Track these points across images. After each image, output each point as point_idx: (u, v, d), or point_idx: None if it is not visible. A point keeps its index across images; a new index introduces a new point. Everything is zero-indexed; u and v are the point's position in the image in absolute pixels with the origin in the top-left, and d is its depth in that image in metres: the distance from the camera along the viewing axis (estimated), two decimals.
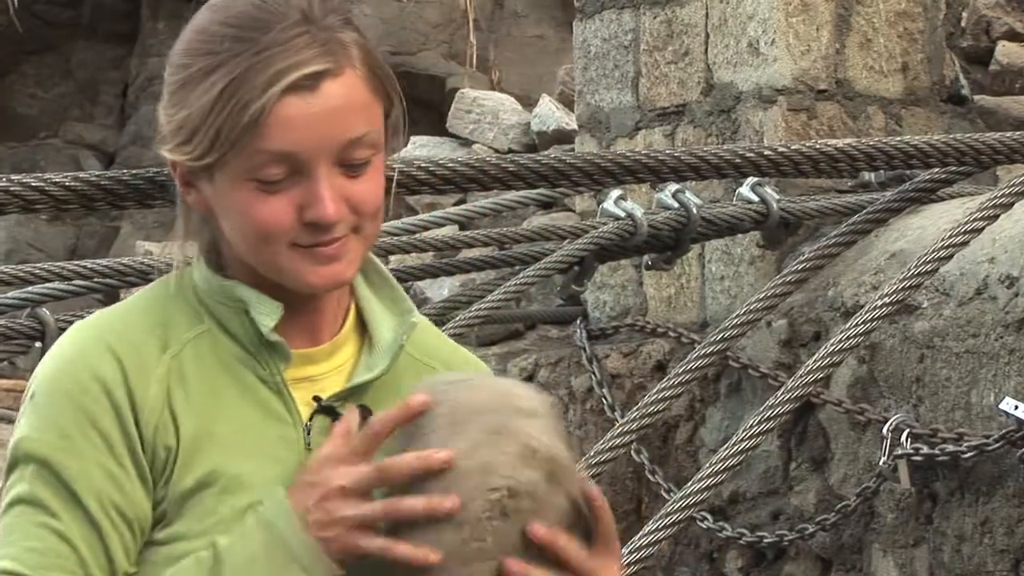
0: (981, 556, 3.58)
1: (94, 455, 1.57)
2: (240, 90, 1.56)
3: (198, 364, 1.62)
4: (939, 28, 4.57)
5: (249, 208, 1.59)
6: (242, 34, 1.59)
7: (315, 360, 1.66)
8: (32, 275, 3.82)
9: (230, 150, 1.57)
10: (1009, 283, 3.57)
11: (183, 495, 1.58)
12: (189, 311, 1.65)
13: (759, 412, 3.28)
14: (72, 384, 1.58)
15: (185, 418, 1.60)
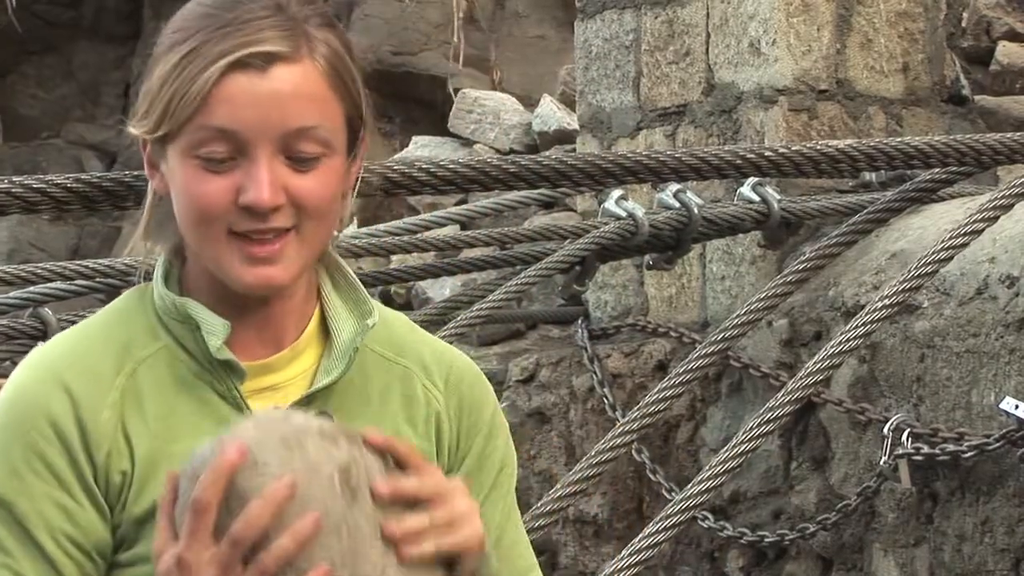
0: (982, 555, 3.58)
1: (45, 491, 1.57)
2: (193, 62, 1.56)
3: (154, 383, 1.61)
4: (940, 28, 4.57)
5: (190, 185, 1.58)
6: (211, 11, 1.59)
7: (275, 368, 1.65)
8: (34, 275, 3.82)
9: (179, 123, 1.57)
10: (1010, 283, 3.57)
11: (141, 517, 1.58)
12: (148, 327, 1.64)
13: (760, 412, 3.28)
14: (21, 421, 1.58)
15: (140, 440, 1.59)
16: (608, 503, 4.52)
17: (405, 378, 1.71)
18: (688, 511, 3.08)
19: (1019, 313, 3.53)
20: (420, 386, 1.71)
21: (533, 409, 4.72)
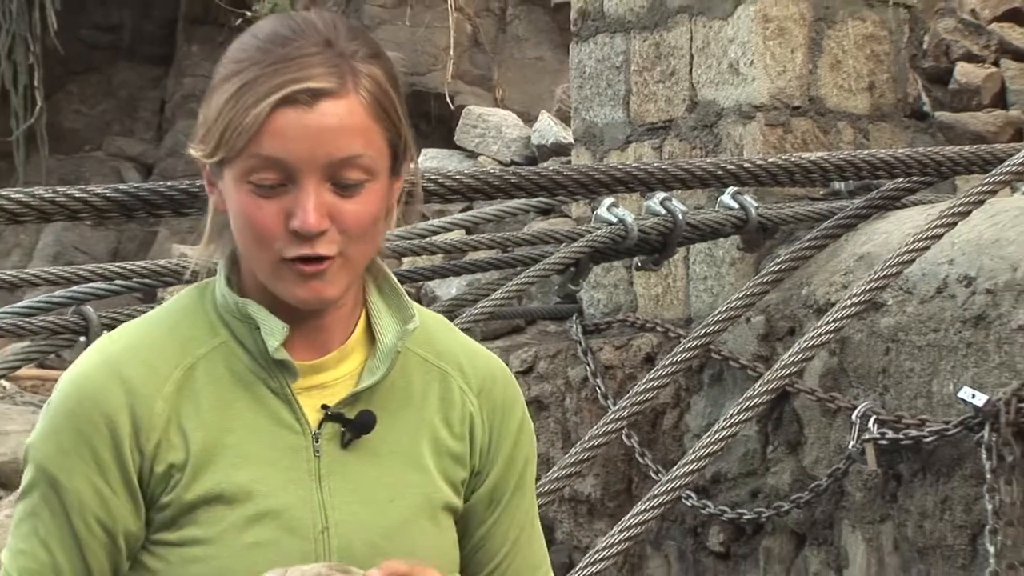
0: (941, 531, 3.58)
1: (86, 475, 1.57)
2: (246, 96, 1.55)
3: (211, 378, 1.60)
4: (903, 50, 4.57)
5: (245, 208, 1.57)
6: (265, 46, 1.58)
7: (324, 368, 1.62)
8: (77, 276, 3.82)
9: (234, 151, 1.56)
10: (967, 283, 3.57)
11: (193, 503, 1.57)
12: (207, 324, 1.63)
13: (739, 401, 3.28)
14: (77, 407, 1.58)
15: (194, 432, 1.58)
16: (600, 484, 4.51)
17: (443, 380, 1.68)
18: (674, 491, 3.08)
19: (976, 310, 3.52)
20: (457, 388, 1.69)
21: (532, 398, 4.72)
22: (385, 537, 1.62)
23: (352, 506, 1.62)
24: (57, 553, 1.57)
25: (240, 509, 1.56)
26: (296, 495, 1.58)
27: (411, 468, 1.65)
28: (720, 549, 4.23)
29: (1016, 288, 3.44)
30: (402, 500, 1.63)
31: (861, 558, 3.80)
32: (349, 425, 1.61)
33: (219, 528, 1.55)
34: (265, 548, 1.56)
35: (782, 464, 4.05)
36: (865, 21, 4.49)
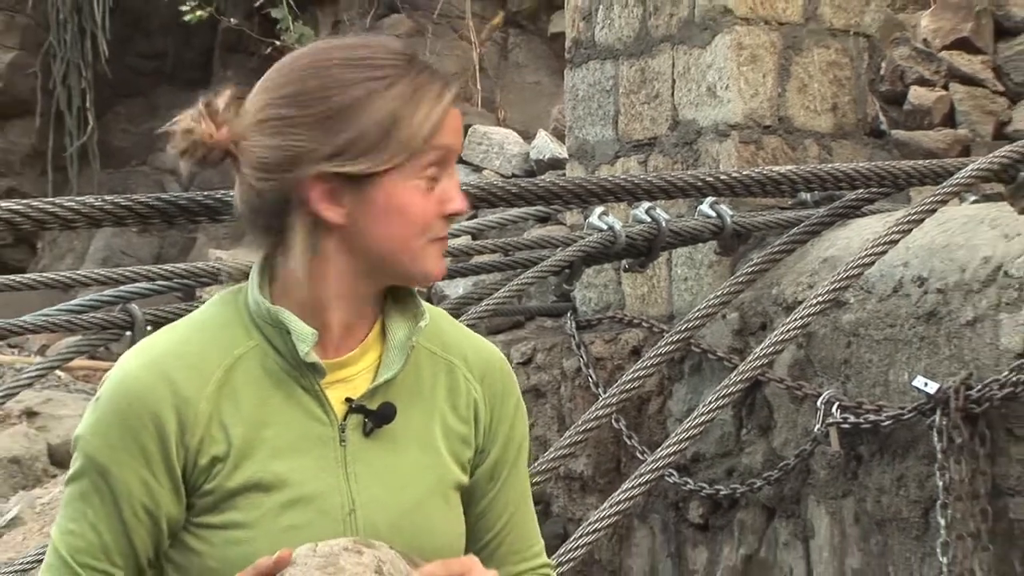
0: (897, 505, 3.58)
1: (134, 467, 1.56)
2: (421, 105, 1.56)
3: (248, 377, 1.58)
4: (863, 75, 4.57)
5: (414, 204, 1.57)
6: (396, 60, 1.59)
7: (347, 364, 1.61)
8: (124, 276, 3.82)
9: (411, 150, 1.56)
10: (920, 283, 3.56)
11: (234, 491, 1.56)
12: (242, 327, 1.61)
13: (716, 389, 3.27)
14: (127, 407, 1.56)
15: (234, 427, 1.57)
16: (592, 463, 4.51)
17: (449, 371, 1.68)
18: (658, 470, 3.08)
19: (928, 307, 3.52)
20: (462, 378, 1.68)
21: (531, 386, 4.72)
22: (405, 516, 1.62)
23: (374, 490, 1.61)
24: (105, 535, 1.56)
25: (276, 495, 1.56)
26: (326, 482, 1.58)
27: (425, 452, 1.64)
28: (699, 521, 4.23)
29: (964, 288, 3.43)
30: (418, 482, 1.63)
31: (825, 529, 3.80)
32: (372, 416, 1.61)
33: (258, 513, 1.55)
34: (299, 530, 1.55)
35: (754, 446, 4.05)
36: (829, 49, 4.49)
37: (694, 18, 4.45)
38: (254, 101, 1.58)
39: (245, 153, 1.57)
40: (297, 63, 1.60)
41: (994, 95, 4.60)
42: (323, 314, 1.59)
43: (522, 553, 1.74)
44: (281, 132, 1.56)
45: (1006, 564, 3.29)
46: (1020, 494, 3.27)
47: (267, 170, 1.55)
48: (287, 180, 1.55)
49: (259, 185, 1.56)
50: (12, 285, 3.89)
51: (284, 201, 1.56)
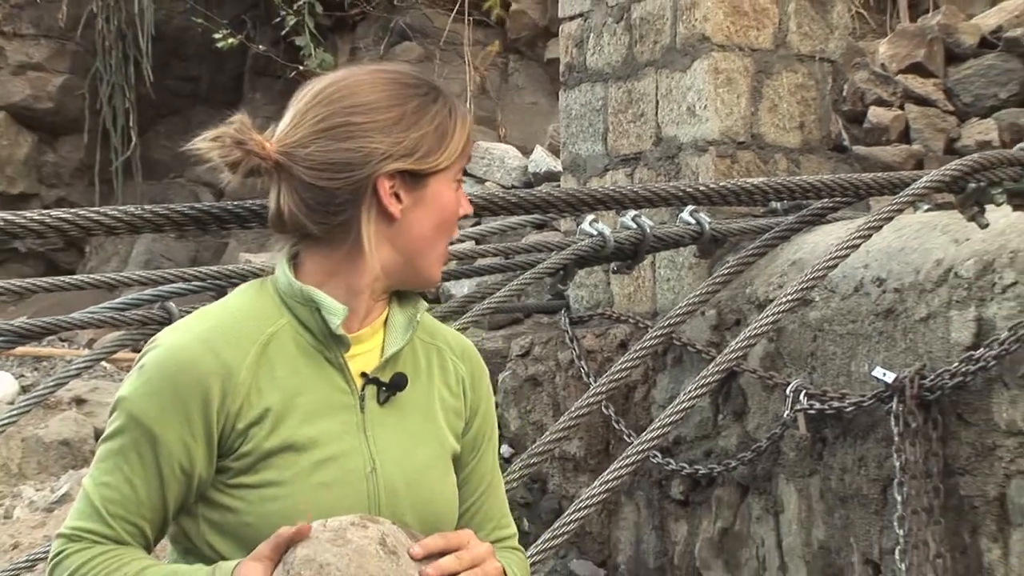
0: (858, 483, 3.57)
1: (177, 429, 1.57)
2: (456, 115, 1.65)
3: (282, 350, 1.61)
4: (827, 96, 4.57)
5: (452, 203, 1.66)
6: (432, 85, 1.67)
7: (362, 340, 1.65)
8: (162, 278, 3.82)
9: (453, 156, 1.64)
10: (879, 283, 3.56)
11: (270, 451, 1.58)
12: (274, 307, 1.64)
13: (696, 379, 3.26)
14: (178, 374, 1.57)
15: (271, 394, 1.59)
16: (584, 445, 4.51)
17: (439, 354, 1.74)
18: (643, 451, 3.07)
19: (886, 305, 3.51)
20: (450, 359, 1.75)
21: (529, 376, 4.72)
22: (417, 474, 1.64)
23: (391, 452, 1.63)
24: (140, 490, 1.56)
25: (308, 456, 1.57)
26: (349, 443, 1.61)
27: (428, 421, 1.69)
28: (680, 498, 4.23)
29: (918, 288, 3.43)
30: (425, 447, 1.67)
31: (794, 505, 3.80)
32: (387, 386, 1.63)
33: (291, 472, 1.57)
34: (329, 487, 1.57)
35: (730, 429, 4.04)
36: (796, 73, 4.49)
37: (675, 45, 4.45)
38: (309, 115, 1.62)
39: (305, 159, 1.59)
40: (349, 82, 1.66)
41: (945, 114, 4.60)
42: (355, 298, 1.63)
43: (497, 520, 1.77)
44: (353, 136, 1.59)
45: (957, 536, 3.29)
46: (969, 473, 3.26)
47: (339, 170, 1.59)
48: (358, 177, 1.59)
49: (328, 184, 1.60)
50: (62, 285, 3.90)
51: (352, 197, 1.60)
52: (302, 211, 1.61)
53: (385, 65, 1.70)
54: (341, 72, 1.67)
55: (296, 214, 1.61)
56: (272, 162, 1.61)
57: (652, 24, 4.54)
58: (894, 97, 4.61)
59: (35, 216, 2.33)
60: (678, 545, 4.22)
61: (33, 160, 11.70)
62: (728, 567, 4.04)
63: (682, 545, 4.21)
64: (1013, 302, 3.18)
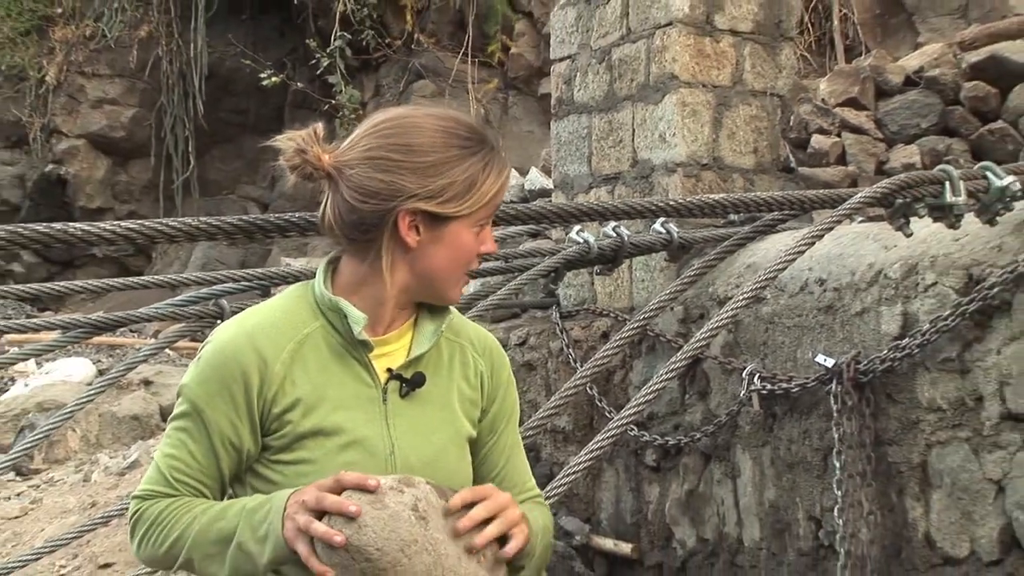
0: (803, 452, 3.56)
1: (224, 410, 1.57)
2: (493, 169, 1.60)
3: (315, 349, 1.61)
4: (776, 126, 4.56)
5: (470, 244, 1.61)
6: (478, 136, 1.61)
7: (388, 342, 1.65)
8: (216, 279, 3.81)
9: (477, 206, 1.59)
10: (821, 283, 3.55)
11: (303, 434, 1.58)
12: (310, 311, 1.63)
13: (666, 364, 3.26)
14: (223, 365, 1.58)
15: (303, 385, 1.58)
16: (572, 420, 4.50)
17: (462, 351, 1.72)
18: (622, 426, 3.06)
19: (826, 302, 3.51)
20: (471, 355, 1.73)
21: (525, 362, 4.71)
22: (432, 455, 1.63)
23: (408, 437, 1.62)
24: (199, 459, 1.57)
25: (335, 439, 1.57)
26: (372, 430, 1.60)
27: (445, 411, 1.67)
28: (653, 464, 4.22)
29: (854, 287, 3.42)
30: (441, 433, 1.65)
31: (749, 470, 3.79)
32: (407, 382, 1.62)
33: (321, 452, 1.57)
34: (353, 466, 1.55)
35: (695, 407, 4.03)
36: (751, 106, 4.48)
37: (649, 82, 4.44)
38: (361, 142, 1.62)
39: (351, 179, 1.58)
40: (401, 121, 1.63)
41: (875, 141, 4.59)
42: (380, 307, 1.62)
43: (519, 487, 1.76)
44: (389, 171, 1.57)
45: (885, 496, 3.28)
46: (896, 443, 3.26)
47: (370, 196, 1.58)
48: (386, 207, 1.57)
49: (360, 205, 1.59)
50: (132, 285, 3.90)
51: (376, 222, 1.58)
52: (338, 221, 1.61)
53: (447, 112, 1.65)
54: (405, 109, 1.65)
55: (334, 222, 1.61)
56: (324, 173, 1.60)
57: (629, 65, 4.53)
58: (833, 127, 4.60)
59: (109, 226, 2.32)
60: (651, 504, 4.22)
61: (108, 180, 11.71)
62: (693, 523, 4.03)
63: (655, 504, 4.20)
64: (933, 299, 3.17)
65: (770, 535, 3.68)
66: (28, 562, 3.80)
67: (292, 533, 1.46)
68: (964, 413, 3.07)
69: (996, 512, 2.98)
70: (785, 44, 4.56)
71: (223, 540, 1.51)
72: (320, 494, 1.47)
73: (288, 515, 1.47)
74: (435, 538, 1.46)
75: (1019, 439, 2.93)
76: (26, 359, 4.38)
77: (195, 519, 1.54)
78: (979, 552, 3.03)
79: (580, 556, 4.34)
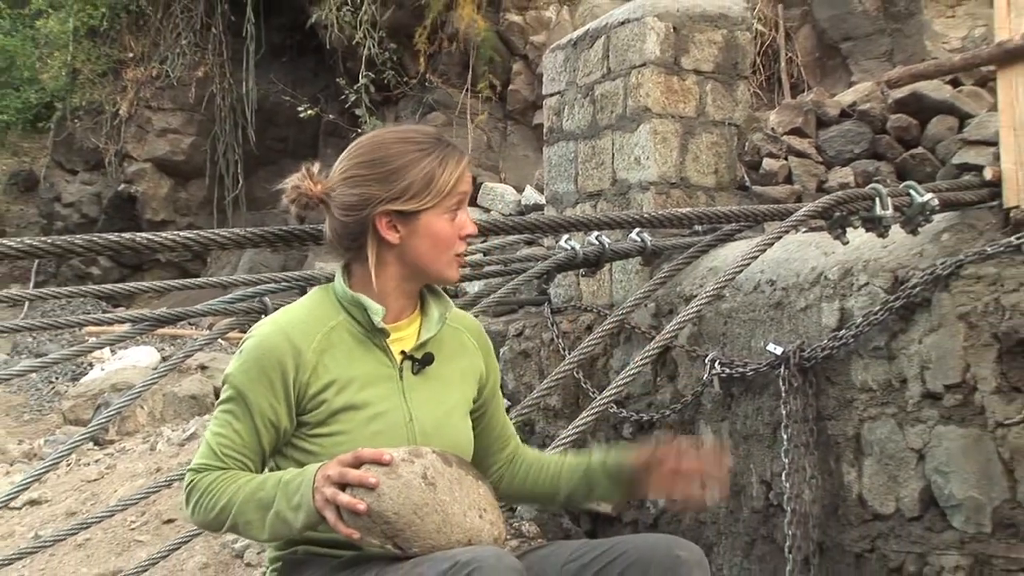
0: (757, 426, 3.55)
1: (264, 393, 1.57)
2: (448, 164, 1.57)
3: (340, 338, 1.61)
4: (734, 150, 4.54)
5: (444, 230, 1.58)
6: (432, 140, 1.59)
7: (400, 329, 1.65)
8: (260, 280, 3.80)
9: (441, 195, 1.56)
10: (771, 284, 3.54)
11: (336, 410, 1.58)
12: (333, 307, 1.63)
13: (641, 352, 3.24)
14: (262, 354, 1.58)
15: (333, 369, 1.58)
16: (561, 400, 4.48)
17: (460, 336, 1.74)
18: (603, 404, 3.05)
19: (776, 299, 3.49)
20: (468, 340, 1.74)
21: (521, 350, 4.70)
22: (442, 421, 1.63)
23: (422, 407, 1.63)
24: (244, 436, 1.56)
25: (363, 412, 1.58)
26: (393, 403, 1.60)
27: (450, 384, 1.68)
28: (629, 437, 4.21)
29: (799, 287, 3.41)
30: (448, 402, 1.66)
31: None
32: (419, 362, 1.63)
33: (352, 424, 1.57)
34: (380, 434, 1.56)
35: (665, 388, 4.02)
36: (712, 134, 4.46)
37: (626, 114, 4.42)
38: (339, 167, 1.64)
39: (335, 200, 1.60)
40: (366, 142, 1.65)
41: (816, 164, 4.58)
42: (386, 299, 1.62)
43: (514, 440, 1.81)
44: (359, 185, 1.58)
45: (825, 463, 3.27)
46: (834, 419, 3.24)
47: (350, 209, 1.59)
48: (363, 215, 1.58)
49: (344, 219, 1.60)
50: (189, 286, 3.89)
51: (361, 229, 1.59)
52: (335, 237, 1.62)
53: (406, 126, 1.69)
54: (373, 132, 1.68)
55: (331, 239, 1.63)
56: (317, 200, 1.60)
57: (609, 99, 4.52)
58: (781, 152, 4.58)
59: (170, 236, 2.31)
60: None
61: (170, 197, 11.69)
62: None
63: None
64: (865, 297, 3.16)
65: (728, 496, 3.67)
66: (104, 517, 3.80)
67: (321, 503, 1.46)
68: (891, 393, 3.06)
69: (917, 476, 2.97)
70: (740, 82, 4.55)
71: (263, 508, 1.51)
72: (343, 469, 1.47)
73: (316, 488, 1.47)
74: (442, 500, 1.47)
75: (937, 415, 2.92)
76: (102, 347, 4.36)
77: (239, 489, 1.53)
78: (903, 509, 3.02)
79: (568, 514, 4.33)
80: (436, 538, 1.42)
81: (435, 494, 1.45)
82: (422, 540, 1.41)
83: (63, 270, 11.84)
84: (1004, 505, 2.71)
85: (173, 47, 11.16)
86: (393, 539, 1.41)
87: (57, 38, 11.42)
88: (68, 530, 3.57)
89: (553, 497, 1.75)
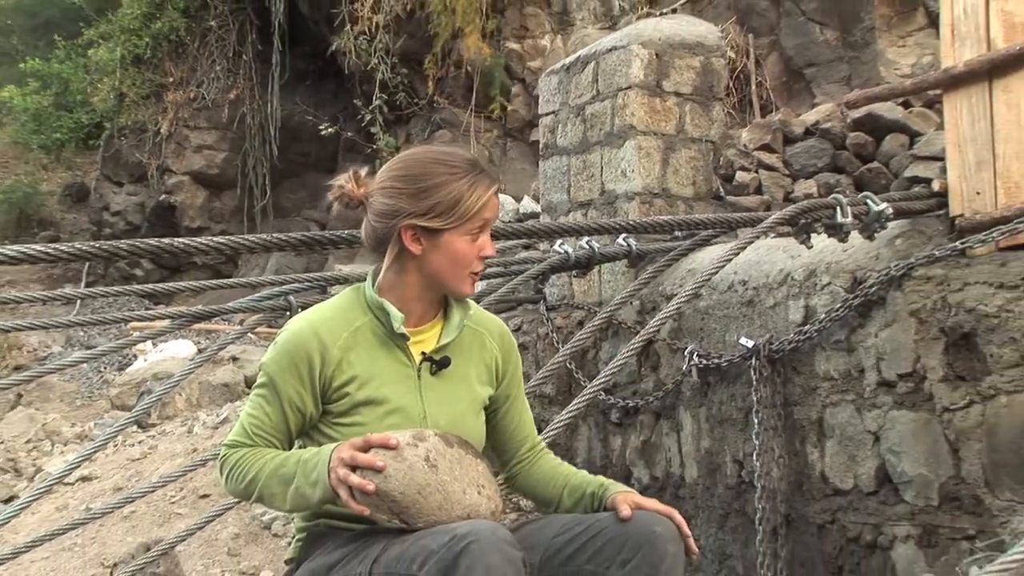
0: (731, 411, 3.55)
1: (292, 383, 1.56)
2: (477, 189, 1.54)
3: (364, 338, 1.60)
4: (710, 164, 4.54)
5: (465, 250, 1.56)
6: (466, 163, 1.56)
7: (421, 332, 1.64)
8: (286, 280, 3.79)
9: (465, 218, 1.53)
10: (744, 284, 3.54)
11: (358, 403, 1.57)
12: (361, 308, 1.62)
13: (627, 345, 3.24)
14: (292, 349, 1.57)
15: (357, 365, 1.58)
16: (555, 388, 4.48)
17: (481, 338, 1.72)
18: (593, 392, 3.04)
19: (747, 298, 3.49)
20: (488, 342, 1.72)
21: (520, 343, 4.68)
22: (455, 418, 1.62)
23: (436, 405, 1.62)
24: (273, 419, 1.56)
25: (382, 407, 1.57)
26: (409, 400, 1.59)
27: (465, 385, 1.66)
28: (617, 421, 4.20)
29: (768, 286, 3.41)
30: (462, 401, 1.64)
31: (689, 425, 3.77)
32: (436, 363, 1.61)
33: (371, 416, 1.56)
34: (396, 428, 1.54)
35: (649, 377, 4.01)
36: (690, 149, 4.45)
37: (613, 131, 4.42)
38: (380, 175, 1.64)
39: (372, 205, 1.58)
40: (407, 157, 1.64)
41: (783, 176, 4.58)
42: (408, 304, 1.61)
43: (530, 436, 1.77)
44: (392, 196, 1.57)
45: (791, 445, 3.27)
46: (800, 404, 3.24)
47: (382, 216, 1.59)
48: (391, 224, 1.56)
49: (376, 224, 1.60)
50: (222, 286, 3.88)
51: (388, 237, 1.57)
52: (368, 239, 1.62)
53: (446, 147, 1.65)
54: (413, 148, 1.67)
55: (366, 239, 1.61)
56: (357, 201, 1.59)
57: (599, 118, 4.51)
58: (752, 166, 4.58)
59: (205, 241, 2.30)
60: (615, 451, 4.20)
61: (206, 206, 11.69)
62: (647, 465, 4.01)
63: (618, 451, 4.18)
64: (827, 296, 3.16)
65: (705, 474, 3.66)
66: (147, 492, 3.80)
67: (335, 482, 1.46)
68: (850, 381, 3.06)
69: (873, 456, 2.97)
70: (716, 103, 4.54)
71: (285, 482, 1.51)
72: (354, 452, 1.47)
73: (331, 468, 1.47)
74: (444, 480, 1.47)
75: (891, 400, 2.92)
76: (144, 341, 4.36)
77: (265, 464, 1.53)
78: (860, 485, 3.02)
79: None
80: (438, 514, 1.42)
81: (437, 475, 1.45)
82: (426, 516, 1.42)
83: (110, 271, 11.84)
84: (949, 481, 2.71)
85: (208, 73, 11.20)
86: (399, 515, 1.42)
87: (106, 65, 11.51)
88: (115, 503, 3.57)
89: (555, 508, 1.74)
